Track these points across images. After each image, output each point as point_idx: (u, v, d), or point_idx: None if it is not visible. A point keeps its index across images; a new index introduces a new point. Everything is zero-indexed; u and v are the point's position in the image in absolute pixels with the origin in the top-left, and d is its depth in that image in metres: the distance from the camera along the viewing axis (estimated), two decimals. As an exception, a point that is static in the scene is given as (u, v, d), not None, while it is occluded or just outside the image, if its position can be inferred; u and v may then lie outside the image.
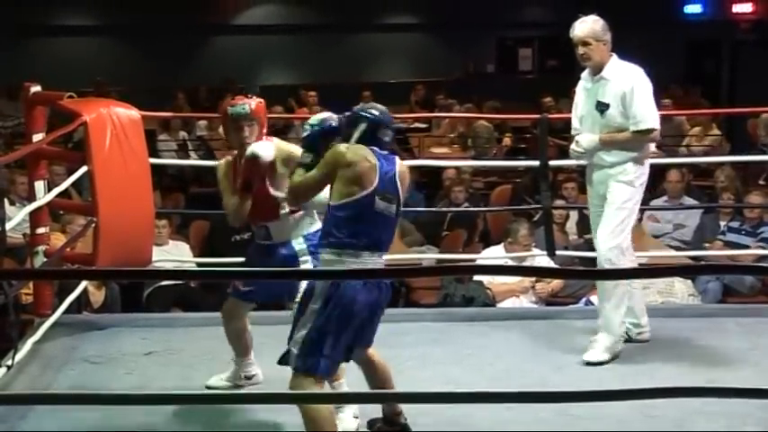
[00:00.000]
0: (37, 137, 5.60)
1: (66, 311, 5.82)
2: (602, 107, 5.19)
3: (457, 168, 9.59)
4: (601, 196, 5.29)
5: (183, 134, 12.62)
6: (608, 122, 5.20)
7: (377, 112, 4.14)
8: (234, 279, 4.53)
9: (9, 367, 4.92)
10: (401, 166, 4.15)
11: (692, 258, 7.24)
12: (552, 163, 6.85)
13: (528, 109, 11.68)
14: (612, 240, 5.13)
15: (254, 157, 4.45)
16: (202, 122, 12.87)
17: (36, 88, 5.63)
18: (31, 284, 5.95)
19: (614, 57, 5.25)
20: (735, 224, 7.94)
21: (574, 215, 8.30)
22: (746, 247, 7.57)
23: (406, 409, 4.39)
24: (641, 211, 8.96)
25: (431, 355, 5.34)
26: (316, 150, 4.15)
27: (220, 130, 12.62)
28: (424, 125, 13.72)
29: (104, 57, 17.07)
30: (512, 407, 4.29)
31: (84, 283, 6.22)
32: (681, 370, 5.01)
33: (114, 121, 5.52)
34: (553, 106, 12.72)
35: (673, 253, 7.81)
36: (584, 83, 5.33)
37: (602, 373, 5.00)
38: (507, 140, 12.26)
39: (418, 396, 3.50)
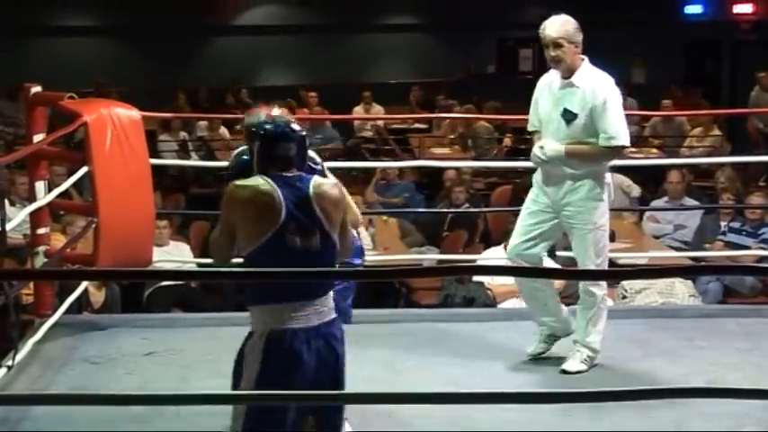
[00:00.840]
0: (37, 137, 5.60)
1: (67, 312, 5.81)
2: (569, 116, 4.89)
3: (457, 169, 9.60)
4: (555, 202, 5.00)
5: (183, 134, 12.62)
6: (572, 133, 4.89)
7: (269, 126, 3.51)
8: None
9: (9, 368, 4.92)
10: (318, 185, 3.50)
11: (693, 259, 7.24)
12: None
13: (529, 109, 11.66)
14: (593, 265, 4.90)
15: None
16: (203, 123, 12.88)
17: (36, 89, 5.63)
18: (31, 285, 5.95)
19: (586, 61, 4.97)
20: (735, 225, 7.94)
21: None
22: (747, 247, 7.57)
23: (407, 410, 4.39)
24: (642, 211, 9.03)
25: (431, 356, 5.33)
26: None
27: (221, 130, 12.68)
28: (424, 126, 13.73)
29: (105, 57, 17.08)
30: (512, 407, 4.28)
31: (84, 284, 6.22)
32: (681, 371, 5.01)
33: (115, 122, 5.52)
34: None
35: (673, 254, 7.82)
36: (550, 85, 5.01)
37: (603, 374, 4.99)
38: (508, 141, 12.26)
39: (418, 397, 3.50)
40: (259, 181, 3.43)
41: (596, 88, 4.85)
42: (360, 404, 4.28)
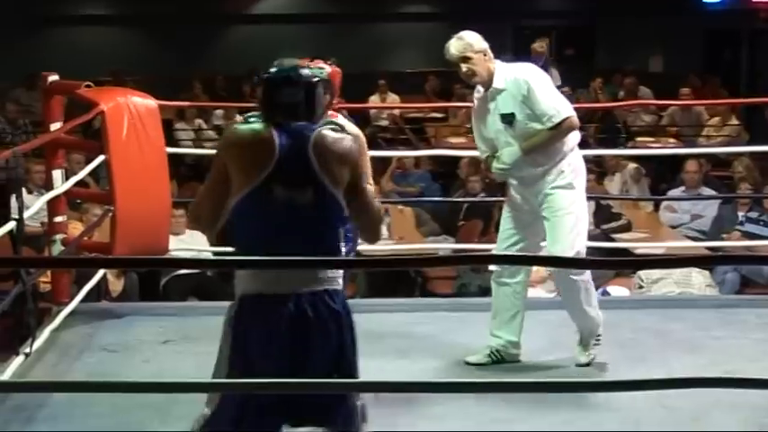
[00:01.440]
0: (54, 126, 5.62)
1: (84, 300, 5.84)
2: (507, 119, 4.83)
3: (474, 158, 9.57)
4: (534, 211, 4.94)
5: (199, 123, 12.63)
6: (521, 132, 4.83)
7: (272, 71, 3.25)
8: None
9: (27, 355, 4.95)
10: (321, 135, 3.17)
11: (710, 249, 7.21)
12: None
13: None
14: (570, 251, 4.76)
15: None
16: (219, 111, 12.89)
17: (54, 78, 5.65)
18: (48, 273, 5.97)
19: (498, 63, 4.91)
20: (753, 215, 7.91)
21: (590, 205, 8.25)
22: (765, 237, 7.54)
23: (423, 399, 4.39)
24: (658, 201, 9.00)
25: (446, 345, 5.33)
26: None
27: (237, 117, 12.67)
28: (440, 115, 13.70)
29: (122, 46, 17.11)
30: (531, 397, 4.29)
31: (101, 272, 6.24)
32: (698, 361, 4.99)
33: (131, 111, 5.53)
34: (571, 96, 12.68)
35: (690, 243, 7.79)
36: (479, 102, 4.97)
37: (619, 364, 4.98)
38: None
39: (433, 386, 3.50)
40: (257, 125, 3.18)
41: (516, 79, 4.80)
42: (375, 393, 4.29)
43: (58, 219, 5.74)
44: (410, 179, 10.22)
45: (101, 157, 5.61)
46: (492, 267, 5.03)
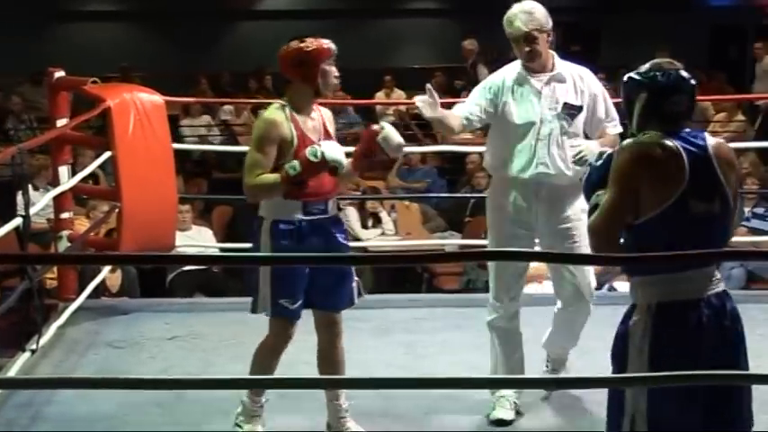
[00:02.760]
0: (61, 122, 5.62)
1: (90, 296, 5.85)
2: (571, 111, 4.27)
3: (480, 154, 9.56)
4: (535, 235, 4.37)
5: (206, 119, 12.64)
6: (575, 129, 4.28)
7: (659, 76, 3.09)
8: (260, 264, 3.96)
9: (33, 351, 4.95)
10: (716, 143, 3.09)
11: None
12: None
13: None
14: (592, 285, 4.45)
15: (334, 168, 3.85)
16: (227, 107, 12.89)
17: (60, 74, 5.65)
18: (55, 269, 5.98)
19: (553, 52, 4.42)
20: (759, 210, 7.90)
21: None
22: (769, 233, 7.54)
23: (430, 395, 4.39)
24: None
25: (453, 341, 5.34)
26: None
27: (245, 113, 12.67)
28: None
29: (128, 42, 17.11)
30: (532, 392, 4.28)
31: (107, 269, 6.25)
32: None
33: (137, 107, 5.53)
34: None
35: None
36: (520, 83, 4.33)
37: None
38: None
39: (441, 381, 3.50)
40: (658, 137, 3.01)
41: (582, 76, 4.35)
42: (382, 389, 4.29)
43: (65, 215, 5.74)
44: (416, 175, 10.21)
45: (107, 154, 5.61)
46: (489, 316, 4.52)
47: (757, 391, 3.95)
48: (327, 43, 4.00)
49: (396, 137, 4.00)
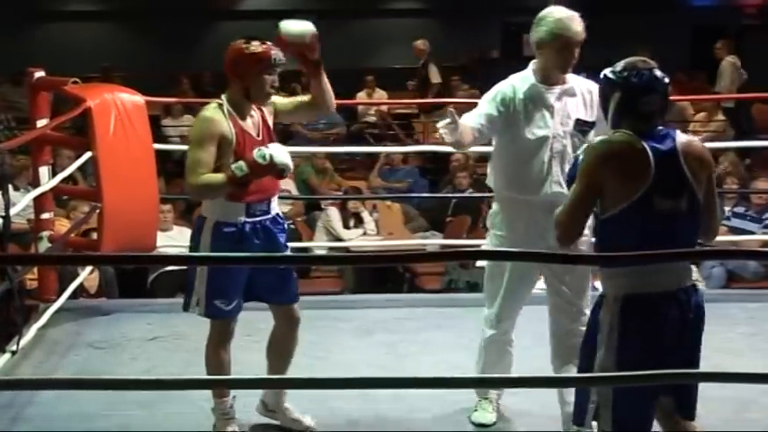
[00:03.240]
0: (41, 122, 5.60)
1: (71, 297, 5.83)
2: (583, 127, 4.07)
3: (465, 154, 9.57)
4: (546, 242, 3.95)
5: (188, 119, 12.61)
6: (583, 144, 3.95)
7: (633, 76, 3.19)
8: (239, 264, 3.90)
9: (14, 353, 4.93)
10: (686, 141, 3.19)
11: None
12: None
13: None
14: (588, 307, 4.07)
15: (281, 171, 3.83)
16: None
17: (40, 74, 5.63)
18: (35, 270, 5.96)
19: None
20: (739, 210, 7.93)
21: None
22: (751, 233, 7.57)
23: (412, 395, 4.40)
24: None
25: (435, 341, 5.35)
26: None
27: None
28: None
29: (109, 42, 17.06)
30: (517, 392, 4.29)
31: (87, 269, 6.23)
32: (685, 356, 5.00)
33: (118, 107, 5.51)
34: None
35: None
36: (532, 92, 4.09)
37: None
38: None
39: (422, 381, 3.51)
40: (626, 136, 3.14)
41: (591, 91, 4.06)
42: (363, 389, 4.29)
43: (45, 215, 5.72)
44: (398, 175, 10.22)
45: (88, 154, 5.59)
46: (490, 330, 4.31)
47: (737, 390, 3.99)
48: (274, 52, 3.92)
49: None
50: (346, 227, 8.25)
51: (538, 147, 4.03)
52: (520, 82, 4.12)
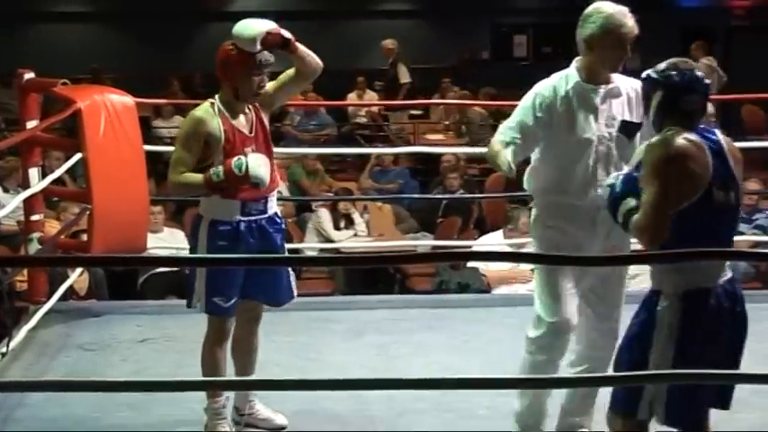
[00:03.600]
0: (31, 124, 5.59)
1: (61, 299, 5.81)
2: (631, 129, 3.88)
3: (456, 155, 9.58)
4: (600, 250, 3.90)
5: (178, 120, 12.59)
6: (632, 148, 3.81)
7: (675, 75, 3.25)
8: (228, 265, 3.94)
9: (4, 354, 4.92)
10: (727, 139, 3.28)
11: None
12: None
13: (523, 96, 11.65)
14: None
15: (255, 184, 3.87)
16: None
17: (30, 75, 5.62)
18: (25, 272, 5.94)
19: None
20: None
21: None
22: (740, 233, 7.58)
23: (403, 396, 4.39)
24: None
25: (426, 342, 5.35)
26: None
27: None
28: (419, 112, 13.71)
29: (99, 43, 17.03)
30: (505, 393, 4.29)
31: (77, 271, 6.21)
32: (675, 356, 5.01)
33: (108, 108, 5.50)
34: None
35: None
36: (577, 93, 3.87)
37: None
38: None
39: (414, 382, 3.50)
40: (685, 134, 3.16)
41: (636, 89, 3.84)
42: (355, 390, 4.29)
43: (35, 217, 5.70)
44: (389, 176, 10.22)
45: (78, 156, 5.58)
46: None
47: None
48: (260, 53, 3.97)
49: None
50: (337, 228, 8.24)
51: (582, 150, 3.84)
52: (562, 81, 3.90)
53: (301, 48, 4.06)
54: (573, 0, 4.96)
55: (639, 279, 6.60)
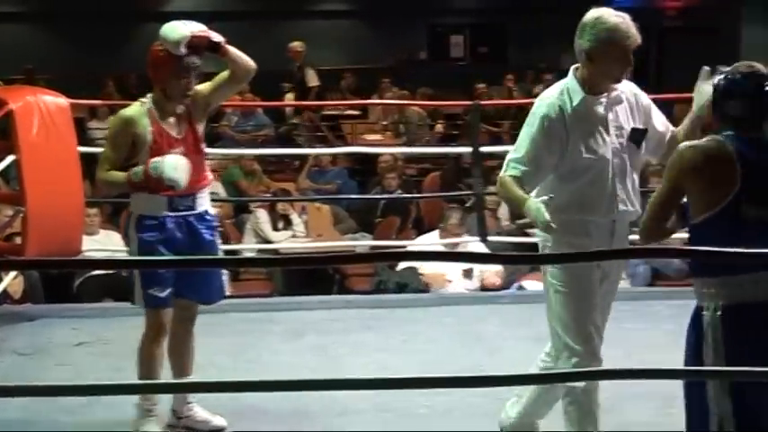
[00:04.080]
0: (-38, 126, 5.50)
1: (-5, 303, 5.74)
2: (638, 137, 3.72)
3: (394, 155, 9.60)
4: (613, 270, 3.84)
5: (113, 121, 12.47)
6: (639, 155, 3.77)
7: (724, 78, 3.13)
8: (168, 266, 3.97)
9: (-64, 360, 4.84)
10: None
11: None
12: (484, 149, 6.92)
13: (460, 95, 11.73)
14: None
15: (171, 186, 3.93)
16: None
17: (-39, 76, 5.53)
18: (-42, 276, 5.85)
19: None
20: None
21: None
22: (674, 231, 7.69)
23: (341, 396, 4.40)
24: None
25: (365, 342, 5.36)
26: None
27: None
28: (356, 112, 13.72)
29: (32, 44, 16.79)
30: (444, 392, 4.32)
31: (11, 274, 6.13)
32: (609, 352, 5.04)
33: (42, 109, 5.44)
34: (485, 93, 12.80)
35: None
36: (584, 107, 3.65)
37: (534, 357, 5.03)
38: (440, 127, 12.31)
39: (353, 383, 3.51)
40: (714, 142, 3.05)
41: (632, 91, 3.78)
42: (294, 391, 4.28)
43: (-33, 220, 5.62)
44: (327, 176, 10.21)
45: (10, 157, 5.50)
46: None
47: (661, 386, 4.06)
48: (186, 56, 4.00)
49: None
50: (275, 229, 8.22)
51: (600, 166, 3.64)
52: (566, 97, 3.66)
53: (232, 50, 4.07)
54: (507, 1, 4.98)
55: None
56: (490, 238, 6.67)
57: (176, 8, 17.59)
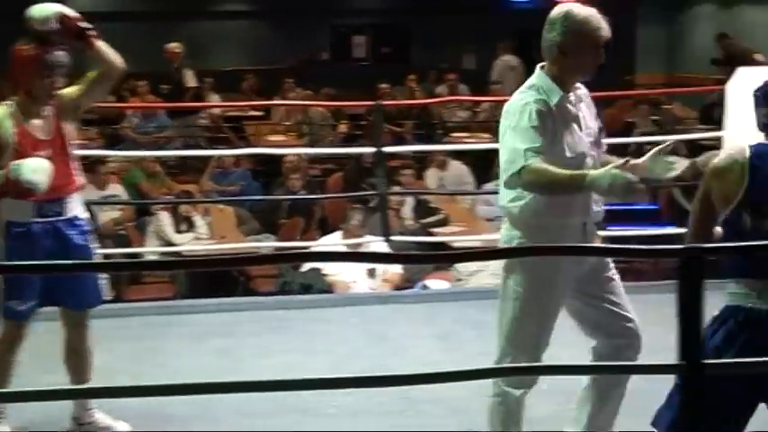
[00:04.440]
0: None
1: None
2: (601, 134, 3.68)
3: (298, 156, 9.58)
4: (592, 268, 3.68)
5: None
6: (600, 154, 3.67)
7: (762, 85, 3.08)
8: (41, 272, 3.84)
9: None
10: None
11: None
12: (387, 149, 6.95)
13: (362, 96, 11.77)
14: None
15: (30, 189, 3.82)
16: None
17: None
18: None
19: None
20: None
21: (409, 201, 8.41)
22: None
23: (246, 398, 4.37)
24: (475, 194, 9.20)
25: (270, 344, 5.34)
26: None
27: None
28: (260, 113, 13.66)
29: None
30: (351, 392, 4.33)
31: None
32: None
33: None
34: (387, 93, 12.86)
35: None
36: (563, 104, 3.53)
37: (440, 356, 5.08)
38: (343, 127, 12.33)
39: (258, 385, 3.49)
40: (738, 150, 3.00)
41: (586, 91, 3.71)
42: (199, 394, 4.25)
43: None
44: (230, 178, 10.14)
45: None
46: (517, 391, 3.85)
47: (565, 382, 4.12)
48: (50, 54, 3.94)
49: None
50: (178, 231, 8.14)
51: (577, 165, 3.47)
52: (545, 94, 3.51)
53: (99, 44, 4.01)
54: (410, 2, 5.01)
55: (479, 276, 6.76)
56: (393, 238, 6.70)
57: (76, 8, 17.30)
